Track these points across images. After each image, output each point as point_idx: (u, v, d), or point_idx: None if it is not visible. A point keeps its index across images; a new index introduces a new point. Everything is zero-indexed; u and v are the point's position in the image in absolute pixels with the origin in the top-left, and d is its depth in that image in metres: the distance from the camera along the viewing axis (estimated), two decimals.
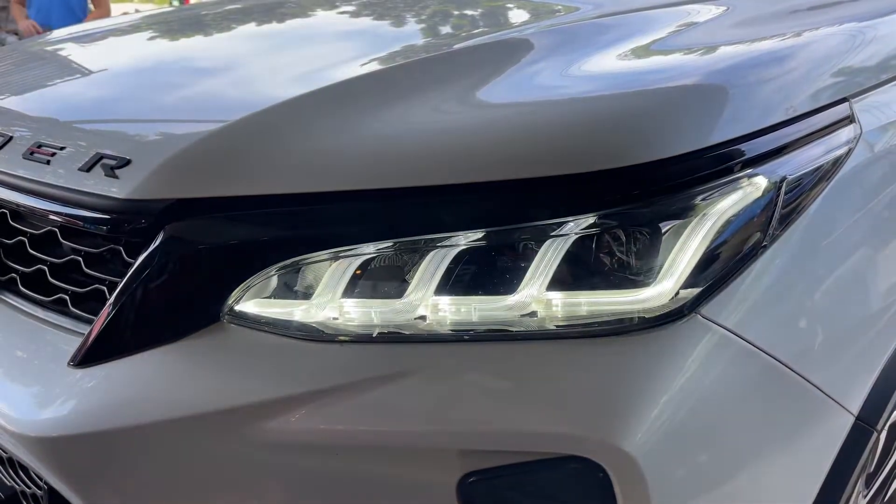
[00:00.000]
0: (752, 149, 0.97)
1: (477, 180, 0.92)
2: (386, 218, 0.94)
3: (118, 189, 0.96)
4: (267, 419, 0.90)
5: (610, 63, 1.13)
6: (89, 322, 1.01)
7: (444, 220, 0.93)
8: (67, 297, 1.07)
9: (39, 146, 1.07)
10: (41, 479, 1.03)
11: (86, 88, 1.30)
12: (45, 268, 1.11)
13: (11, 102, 1.29)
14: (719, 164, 0.94)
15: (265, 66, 1.29)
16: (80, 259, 1.06)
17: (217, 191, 0.95)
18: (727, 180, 0.94)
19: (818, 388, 0.99)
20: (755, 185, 0.96)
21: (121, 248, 1.02)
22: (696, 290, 0.91)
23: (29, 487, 1.11)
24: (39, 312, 1.10)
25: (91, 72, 1.40)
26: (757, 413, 0.95)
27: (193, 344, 0.95)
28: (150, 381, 0.93)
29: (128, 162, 0.98)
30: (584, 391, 0.87)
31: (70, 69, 1.46)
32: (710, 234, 0.92)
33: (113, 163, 0.99)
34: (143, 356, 0.95)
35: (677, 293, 0.90)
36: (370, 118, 0.99)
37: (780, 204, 0.97)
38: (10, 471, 1.15)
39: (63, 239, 1.09)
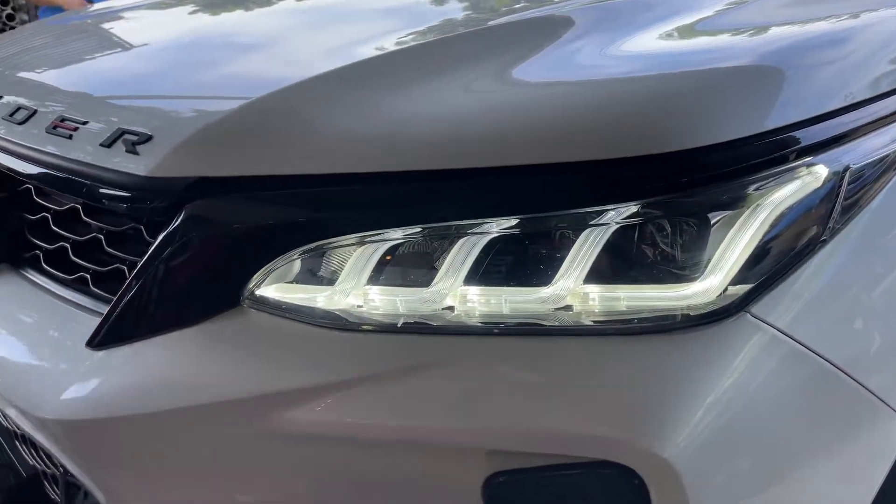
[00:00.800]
0: (810, 136, 0.89)
1: (512, 164, 0.86)
2: (415, 202, 0.89)
3: (138, 166, 0.93)
4: (286, 409, 0.86)
5: (654, 42, 1.06)
6: (110, 302, 0.98)
7: (476, 205, 0.88)
8: (88, 276, 1.04)
9: (63, 120, 1.04)
10: (58, 460, 1.01)
11: (114, 64, 1.27)
12: (68, 245, 1.08)
13: (39, 76, 1.26)
14: (775, 150, 0.87)
15: (295, 43, 1.25)
16: (102, 237, 1.03)
17: (239, 170, 0.91)
18: (783, 169, 0.87)
19: (873, 393, 0.92)
20: (815, 175, 0.88)
21: (142, 228, 0.98)
22: (746, 287, 0.84)
23: (48, 468, 1.09)
24: (61, 291, 1.08)
25: (121, 47, 1.36)
26: (807, 419, 0.88)
27: (212, 329, 0.91)
28: (166, 367, 0.90)
29: (149, 138, 0.94)
30: (621, 392, 0.81)
31: (101, 45, 1.43)
32: (763, 227, 0.85)
33: (134, 139, 0.95)
34: (160, 339, 0.91)
35: (726, 289, 0.84)
36: (401, 97, 0.94)
37: (842, 195, 0.89)
38: (32, 450, 1.13)
39: (85, 216, 1.06)
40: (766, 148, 0.87)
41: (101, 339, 0.94)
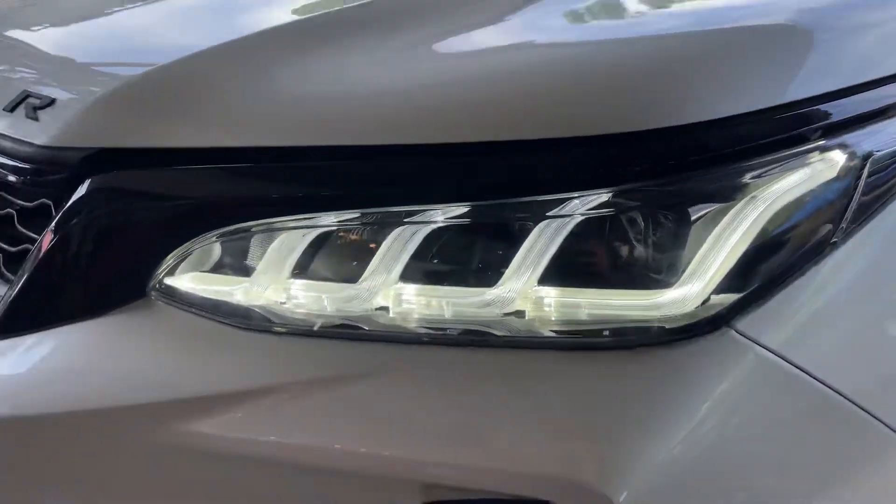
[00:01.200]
0: (831, 112, 0.74)
1: (461, 141, 0.73)
2: (349, 182, 0.76)
3: (37, 133, 0.82)
4: (188, 420, 0.74)
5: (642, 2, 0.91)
6: None
7: (419, 189, 0.74)
8: (0, 256, 0.94)
9: None
10: None
11: (30, 27, 1.15)
12: None
13: None
14: (784, 130, 0.72)
15: (214, 9, 1.11)
16: (14, 214, 0.93)
17: (148, 140, 0.79)
18: (791, 153, 0.72)
19: (889, 426, 0.77)
20: (829, 162, 0.73)
21: (51, 204, 0.87)
22: (732, 297, 0.69)
23: None
24: None
25: (37, 10, 1.25)
26: (803, 458, 0.74)
27: (113, 322, 0.79)
28: (59, 364, 0.79)
29: (51, 102, 0.83)
30: (570, 420, 0.67)
31: (18, 8, 1.31)
32: (758, 224, 0.70)
33: (37, 102, 0.84)
34: (57, 332, 0.80)
35: (707, 299, 0.69)
36: (332, 63, 0.81)
37: (860, 189, 0.73)
38: None
39: (1, 190, 0.96)
40: (769, 127, 0.72)
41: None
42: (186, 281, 0.80)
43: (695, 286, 0.69)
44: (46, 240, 0.81)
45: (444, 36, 0.84)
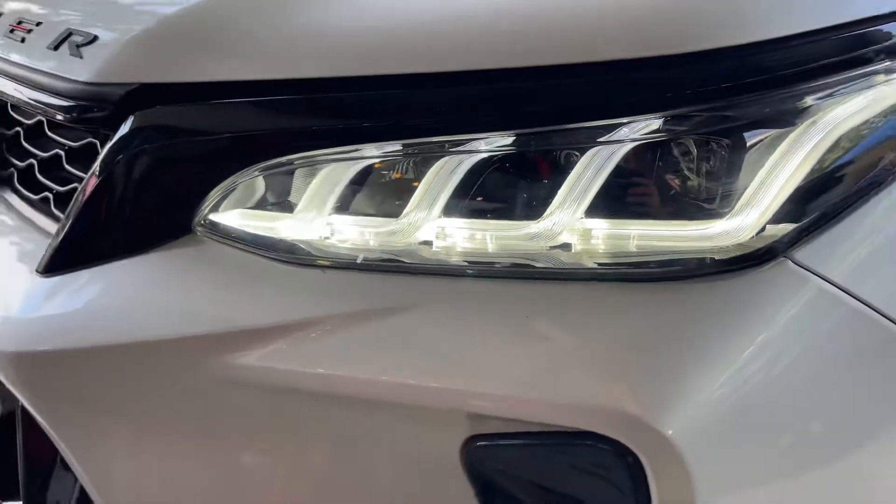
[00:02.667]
0: (892, 32, 0.70)
1: (506, 66, 0.70)
2: (392, 113, 0.75)
3: (81, 70, 0.82)
4: (235, 352, 0.74)
5: None
6: None
7: (463, 117, 0.72)
8: (51, 196, 0.95)
9: (19, 22, 0.94)
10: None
11: None
12: (35, 163, 1.00)
13: None
14: (847, 51, 0.68)
15: None
16: (63, 154, 0.94)
17: (189, 75, 0.78)
18: (855, 75, 0.68)
19: None
20: (894, 85, 0.69)
21: (97, 143, 0.88)
22: (790, 227, 0.66)
23: None
24: (28, 212, 0.99)
25: None
26: (866, 395, 0.71)
27: (161, 258, 0.80)
28: (109, 298, 0.80)
29: (94, 39, 0.83)
30: (618, 351, 0.66)
31: None
32: (818, 151, 0.67)
33: (79, 40, 0.84)
34: (106, 268, 0.81)
35: (763, 229, 0.66)
36: None
37: None
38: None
39: (49, 131, 0.97)
40: (832, 47, 0.68)
41: (48, 265, 0.84)
42: (231, 216, 0.80)
43: (750, 216, 0.67)
44: (93, 178, 0.81)
45: None
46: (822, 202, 0.67)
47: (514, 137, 0.71)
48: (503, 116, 0.71)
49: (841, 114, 0.67)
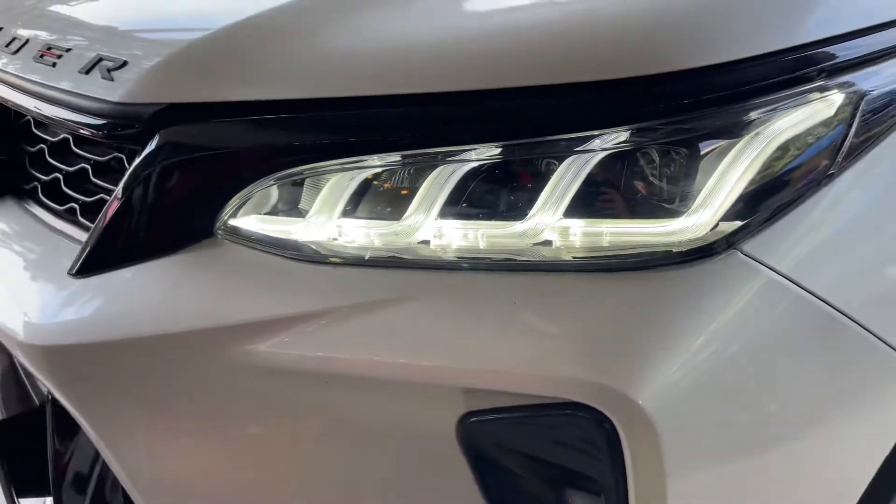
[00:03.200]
0: (830, 56, 0.81)
1: (494, 87, 0.81)
2: (393, 128, 0.84)
3: (112, 92, 0.91)
4: (253, 341, 0.83)
5: None
6: None
7: (456, 131, 0.83)
8: (77, 207, 1.04)
9: (49, 48, 1.03)
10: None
11: None
12: (60, 176, 1.08)
13: (31, 7, 1.25)
14: (786, 73, 0.79)
15: None
16: (89, 168, 1.03)
17: (213, 95, 0.88)
18: (792, 93, 0.79)
19: (890, 345, 0.84)
20: (827, 101, 0.80)
21: (123, 157, 0.97)
22: (738, 223, 0.77)
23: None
24: (54, 222, 1.08)
25: None
26: (808, 372, 0.81)
27: (186, 259, 0.89)
28: (140, 295, 0.89)
29: (124, 63, 0.92)
30: (596, 331, 0.76)
31: None
32: (761, 158, 0.77)
33: (110, 65, 0.93)
34: (135, 269, 0.90)
35: (716, 225, 0.77)
36: (377, 18, 0.88)
37: (855, 125, 0.80)
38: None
39: (75, 147, 1.06)
40: (773, 70, 0.78)
41: (81, 267, 0.93)
42: (249, 221, 0.89)
43: (705, 214, 0.77)
44: (123, 187, 0.90)
45: None
46: (766, 202, 0.78)
47: (501, 148, 0.81)
48: (491, 130, 0.81)
49: (781, 126, 0.78)
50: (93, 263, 0.93)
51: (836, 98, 0.80)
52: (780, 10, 0.81)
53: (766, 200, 0.78)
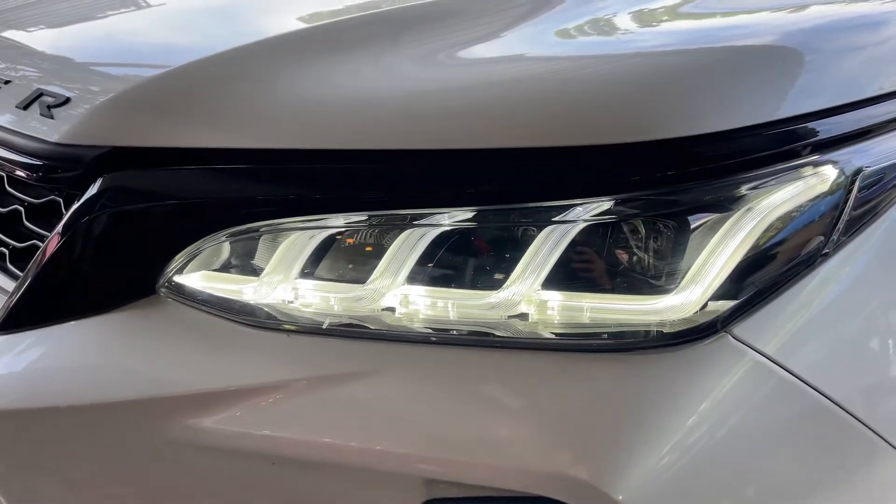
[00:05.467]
0: (823, 130, 0.77)
1: (470, 147, 0.75)
2: (360, 185, 0.78)
3: (51, 131, 0.83)
4: (196, 415, 0.75)
5: (650, 17, 0.94)
6: None
7: (427, 193, 0.76)
8: (7, 252, 0.95)
9: None
10: None
11: (48, 25, 1.17)
12: None
13: None
14: (779, 145, 0.75)
15: (233, 11, 1.12)
16: (23, 210, 0.94)
17: (160, 140, 0.81)
18: (785, 167, 0.75)
19: (879, 434, 0.79)
20: (821, 176, 0.76)
21: (61, 201, 0.88)
22: (729, 304, 0.72)
23: None
24: None
25: (57, 9, 1.26)
26: (794, 460, 0.76)
27: (124, 318, 0.81)
28: (70, 358, 0.80)
29: (66, 100, 0.84)
30: (573, 420, 0.69)
31: (36, 6, 1.32)
32: (754, 234, 0.72)
33: (51, 101, 0.85)
34: (66, 327, 0.81)
35: (705, 305, 0.72)
36: (346, 68, 0.82)
37: (851, 202, 0.76)
38: None
39: (8, 186, 0.96)
40: (765, 142, 0.74)
41: (5, 321, 0.84)
42: (196, 279, 0.81)
43: (693, 292, 0.72)
44: (57, 235, 0.82)
45: (449, 46, 0.86)
46: (757, 281, 0.73)
47: (476, 213, 0.75)
48: (466, 193, 0.75)
49: (774, 201, 0.73)
50: (19, 317, 0.84)
51: (831, 173, 0.76)
52: (772, 81, 0.77)
53: (759, 279, 0.73)
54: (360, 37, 0.88)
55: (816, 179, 0.76)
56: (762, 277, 0.73)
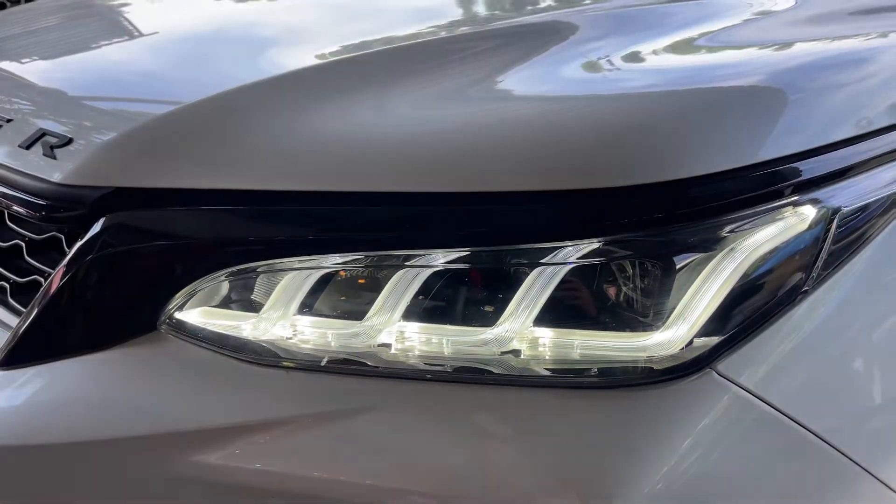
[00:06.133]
0: (806, 169, 0.80)
1: (462, 190, 0.77)
2: (356, 226, 0.80)
3: (54, 171, 0.85)
4: (193, 452, 0.77)
5: (637, 59, 0.97)
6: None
7: (421, 234, 0.79)
8: (8, 287, 0.96)
9: None
10: None
11: (49, 62, 1.18)
12: None
13: None
14: (762, 186, 0.78)
15: (234, 49, 1.15)
16: (24, 245, 0.95)
17: (162, 181, 0.82)
18: (767, 208, 0.77)
19: (858, 464, 0.82)
20: (800, 216, 0.79)
21: (63, 237, 0.90)
22: (714, 340, 0.74)
23: None
24: None
25: (57, 44, 1.28)
26: (778, 494, 0.78)
27: (126, 354, 0.82)
28: (72, 394, 0.82)
29: (69, 141, 0.86)
30: (565, 455, 0.72)
31: (34, 40, 1.34)
32: (737, 273, 0.75)
33: (54, 141, 0.87)
34: (67, 363, 0.82)
35: (691, 342, 0.74)
36: (345, 110, 0.85)
37: (829, 241, 0.79)
38: None
39: (9, 221, 0.98)
40: (749, 183, 0.77)
41: (6, 359, 0.85)
42: (196, 315, 0.83)
43: (679, 330, 0.74)
44: (60, 272, 0.83)
45: (444, 90, 0.89)
46: (740, 318, 0.75)
47: (468, 253, 0.77)
48: (458, 234, 0.77)
49: (756, 241, 0.76)
50: (21, 354, 0.85)
51: (809, 212, 0.79)
52: (753, 124, 0.80)
53: (742, 316, 0.76)
54: (356, 78, 0.91)
55: (796, 219, 0.78)
56: (745, 314, 0.76)
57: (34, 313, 0.84)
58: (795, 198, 0.79)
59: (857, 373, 0.82)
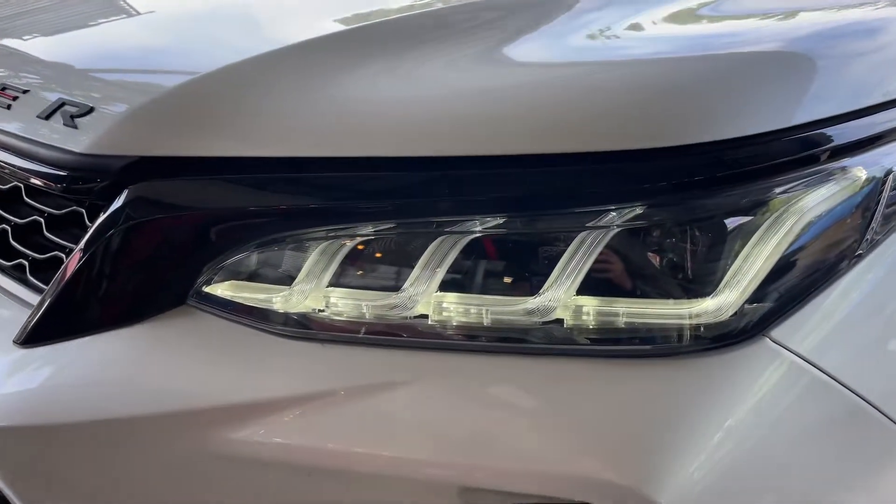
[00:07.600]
0: (847, 133, 0.77)
1: (500, 153, 0.74)
2: (389, 193, 0.77)
3: (75, 141, 0.82)
4: (228, 427, 0.74)
5: (670, 21, 0.94)
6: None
7: (458, 200, 0.76)
8: (27, 264, 0.93)
9: (3, 88, 0.93)
10: None
11: (68, 32, 1.15)
12: (8, 228, 0.97)
13: None
14: (806, 148, 0.75)
15: (261, 15, 1.12)
16: (42, 221, 0.92)
17: (189, 150, 0.80)
18: (815, 170, 0.75)
19: None
20: (851, 178, 0.76)
21: (83, 211, 0.87)
22: (765, 306, 0.72)
23: None
24: (1, 279, 0.97)
25: (77, 16, 1.25)
26: (832, 461, 0.76)
27: (153, 330, 0.80)
28: (97, 371, 0.79)
29: (90, 110, 0.83)
30: (612, 426, 0.69)
31: (55, 12, 1.31)
32: (788, 237, 0.72)
33: (74, 110, 0.84)
34: (92, 340, 0.80)
35: (741, 308, 0.72)
36: (374, 75, 0.82)
37: (883, 202, 0.77)
38: None
39: (27, 197, 0.95)
40: (795, 145, 0.74)
41: (29, 336, 0.83)
42: (225, 289, 0.80)
43: (730, 296, 0.72)
44: (83, 246, 0.81)
45: (476, 52, 0.86)
46: (792, 283, 0.73)
47: (508, 219, 0.75)
48: (498, 199, 0.75)
49: (807, 203, 0.73)
50: (44, 331, 0.82)
51: (862, 174, 0.76)
52: (802, 84, 0.77)
53: (794, 282, 0.73)
54: (389, 41, 0.88)
55: (847, 181, 0.76)
56: (797, 279, 0.73)
57: (57, 290, 0.82)
58: (846, 160, 0.76)
59: None
